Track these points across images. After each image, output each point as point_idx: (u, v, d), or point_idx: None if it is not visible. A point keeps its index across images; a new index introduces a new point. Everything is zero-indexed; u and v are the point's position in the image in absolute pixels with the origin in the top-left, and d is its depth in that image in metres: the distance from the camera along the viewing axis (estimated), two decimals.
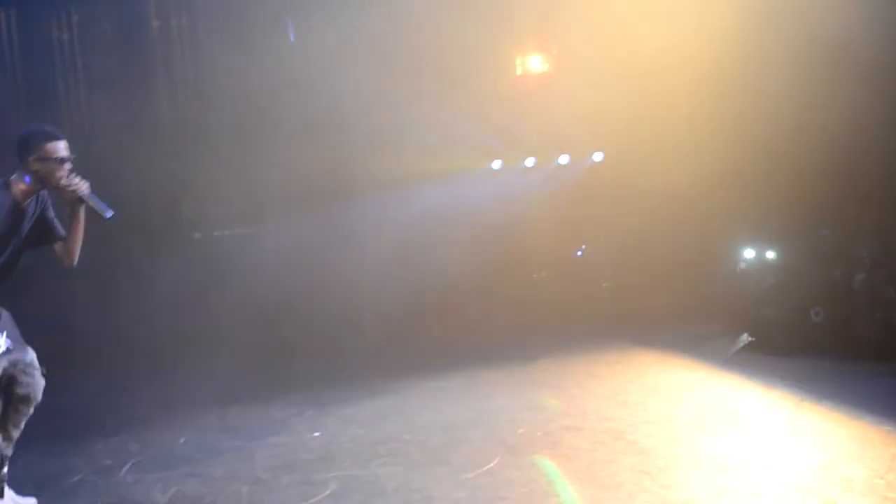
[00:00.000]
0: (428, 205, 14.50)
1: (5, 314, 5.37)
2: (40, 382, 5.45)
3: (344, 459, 6.36)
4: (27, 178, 5.44)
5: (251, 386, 9.16)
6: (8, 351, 5.26)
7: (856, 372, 8.39)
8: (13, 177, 5.47)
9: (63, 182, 5.45)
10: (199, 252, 14.19)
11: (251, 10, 14.36)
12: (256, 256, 13.31)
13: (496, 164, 15.82)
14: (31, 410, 5.45)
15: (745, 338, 10.31)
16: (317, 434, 7.18)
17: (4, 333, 5.29)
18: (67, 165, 5.51)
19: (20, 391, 5.38)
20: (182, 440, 7.30)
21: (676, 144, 12.95)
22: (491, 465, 5.91)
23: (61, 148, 5.52)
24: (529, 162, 15.89)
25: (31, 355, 5.43)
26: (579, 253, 15.62)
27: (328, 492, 5.62)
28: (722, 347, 9.97)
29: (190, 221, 15.02)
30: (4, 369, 5.28)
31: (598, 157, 15.50)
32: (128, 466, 6.43)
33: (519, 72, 15.93)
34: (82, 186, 5.50)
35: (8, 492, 5.56)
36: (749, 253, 11.83)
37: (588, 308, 13.49)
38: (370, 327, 12.93)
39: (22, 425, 5.45)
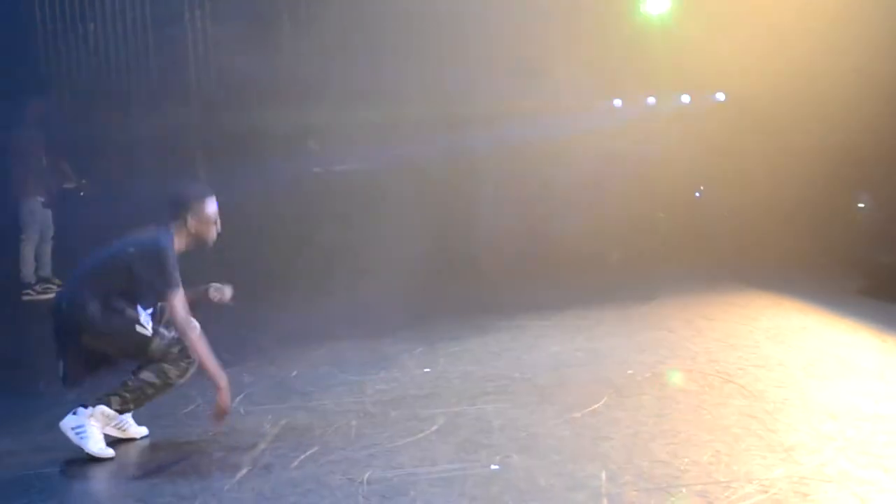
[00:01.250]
0: (548, 139, 14.49)
1: None
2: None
3: (451, 396, 6.44)
4: (185, 237, 5.74)
5: (364, 321, 9.27)
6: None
7: None
8: (173, 231, 5.67)
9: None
10: (320, 186, 14.41)
11: None
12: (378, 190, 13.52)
13: (617, 102, 15.72)
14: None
15: None
16: (427, 370, 7.27)
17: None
18: (218, 223, 5.78)
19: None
20: (294, 373, 7.46)
21: (799, 87, 12.72)
22: (597, 405, 5.93)
23: (215, 206, 5.77)
24: (651, 100, 15.74)
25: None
26: (697, 194, 15.43)
27: (435, 427, 5.70)
28: (836, 292, 9.82)
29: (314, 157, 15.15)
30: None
31: (720, 96, 15.25)
32: (240, 398, 6.55)
33: (643, 9, 15.72)
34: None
35: (125, 418, 5.77)
36: (868, 198, 11.66)
37: (706, 248, 13.34)
38: (485, 265, 12.97)
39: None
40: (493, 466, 4.96)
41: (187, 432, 6.07)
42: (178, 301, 5.48)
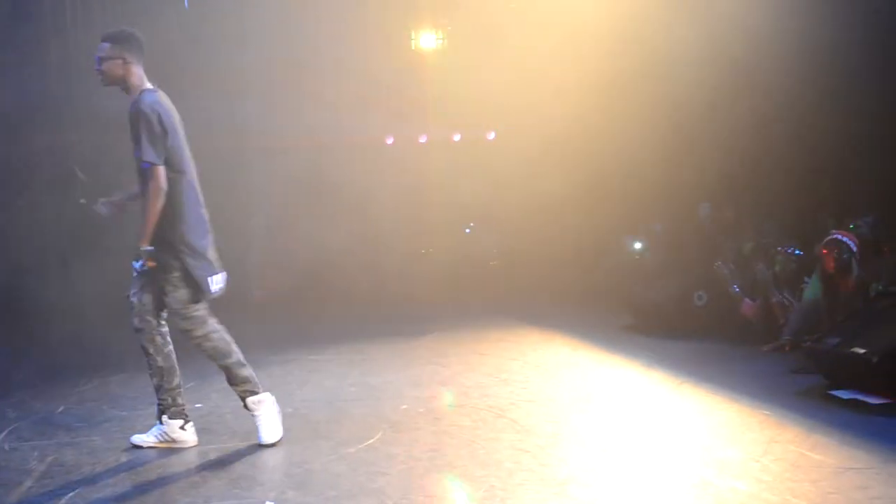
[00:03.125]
0: (321, 177, 14.44)
1: None
2: None
3: (224, 432, 6.30)
4: None
5: (132, 353, 8.99)
6: None
7: (736, 355, 8.60)
8: None
9: None
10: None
11: None
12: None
13: (389, 140, 15.83)
14: None
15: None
16: (198, 405, 7.10)
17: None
18: None
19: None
20: (61, 408, 7.20)
21: (568, 129, 13.18)
22: (372, 440, 5.91)
23: None
24: (422, 138, 15.95)
25: None
26: (468, 230, 15.71)
27: (208, 463, 5.60)
28: (604, 328, 10.17)
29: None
30: None
31: (491, 136, 15.56)
32: (4, 434, 6.35)
33: (413, 47, 15.97)
34: None
35: None
36: (637, 239, 12.14)
37: (475, 285, 13.57)
38: (255, 299, 12.82)
39: None
40: (267, 503, 4.85)
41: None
42: None
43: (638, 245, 12.12)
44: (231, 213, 13.69)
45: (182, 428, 5.88)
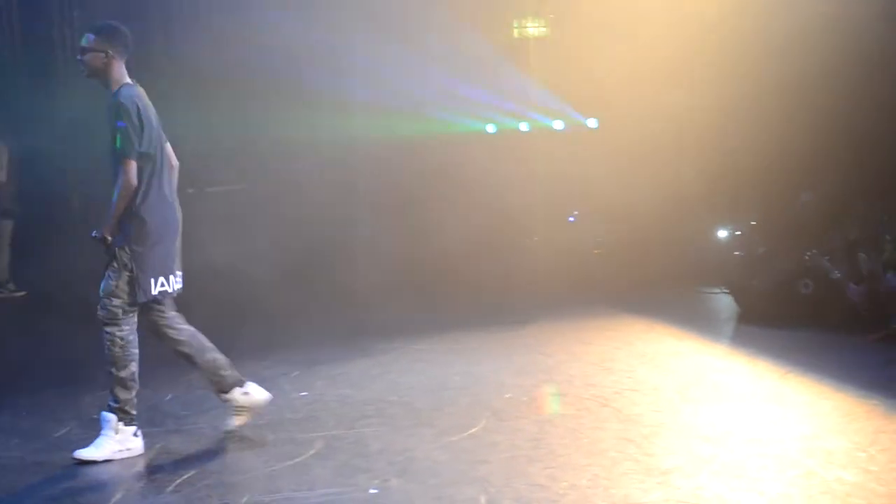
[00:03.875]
0: (425, 166, 14.52)
1: None
2: None
3: (329, 419, 6.38)
4: None
5: (240, 344, 9.13)
6: None
7: (843, 344, 8.45)
8: None
9: None
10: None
11: None
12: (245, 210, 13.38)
13: (491, 128, 15.83)
14: None
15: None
16: (304, 394, 7.22)
17: None
18: None
19: None
20: (169, 396, 7.33)
21: (669, 114, 13.09)
22: (475, 429, 5.94)
23: None
24: (524, 126, 15.92)
25: None
26: (571, 219, 15.62)
27: (313, 451, 5.65)
28: (707, 317, 10.10)
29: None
30: None
31: (592, 123, 15.46)
32: None
33: (516, 35, 15.94)
34: None
35: None
36: (733, 224, 11.99)
37: (579, 273, 13.51)
38: (362, 288, 12.93)
39: None
40: (371, 490, 4.92)
41: (61, 456, 5.90)
42: None
43: (737, 233, 11.95)
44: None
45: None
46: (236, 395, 5.97)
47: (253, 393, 6.02)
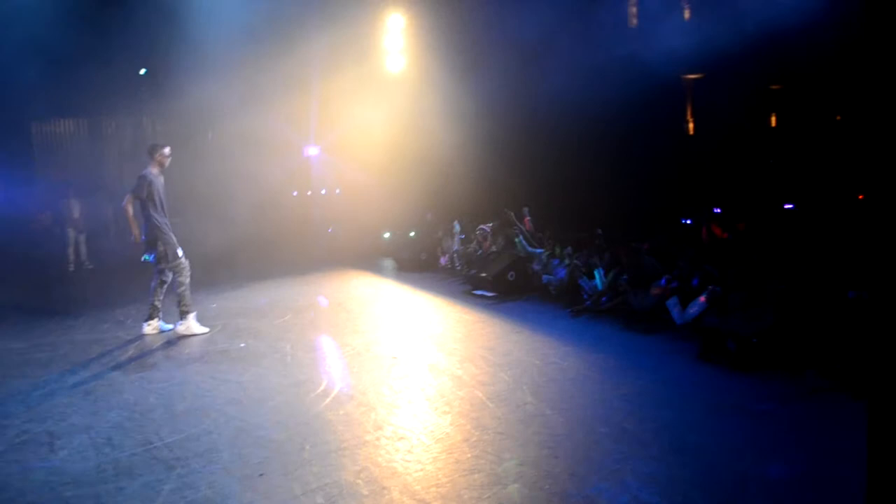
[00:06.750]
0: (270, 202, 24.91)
1: None
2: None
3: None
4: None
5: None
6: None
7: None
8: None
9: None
10: None
11: None
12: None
13: (294, 192, 27.77)
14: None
15: None
16: (213, 305, 12.69)
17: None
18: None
19: None
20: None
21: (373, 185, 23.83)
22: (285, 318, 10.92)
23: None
24: (308, 192, 27.32)
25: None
26: (331, 230, 25.35)
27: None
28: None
29: None
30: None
31: (337, 190, 27.29)
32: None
33: (304, 153, 26.61)
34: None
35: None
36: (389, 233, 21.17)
37: (331, 249, 22.96)
38: (241, 260, 20.99)
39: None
40: (241, 345, 8.12)
41: (129, 333, 10.77)
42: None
43: (412, 234, 20.45)
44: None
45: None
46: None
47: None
